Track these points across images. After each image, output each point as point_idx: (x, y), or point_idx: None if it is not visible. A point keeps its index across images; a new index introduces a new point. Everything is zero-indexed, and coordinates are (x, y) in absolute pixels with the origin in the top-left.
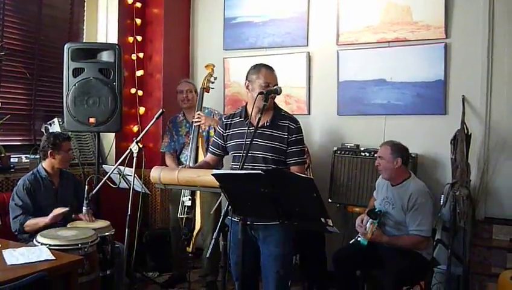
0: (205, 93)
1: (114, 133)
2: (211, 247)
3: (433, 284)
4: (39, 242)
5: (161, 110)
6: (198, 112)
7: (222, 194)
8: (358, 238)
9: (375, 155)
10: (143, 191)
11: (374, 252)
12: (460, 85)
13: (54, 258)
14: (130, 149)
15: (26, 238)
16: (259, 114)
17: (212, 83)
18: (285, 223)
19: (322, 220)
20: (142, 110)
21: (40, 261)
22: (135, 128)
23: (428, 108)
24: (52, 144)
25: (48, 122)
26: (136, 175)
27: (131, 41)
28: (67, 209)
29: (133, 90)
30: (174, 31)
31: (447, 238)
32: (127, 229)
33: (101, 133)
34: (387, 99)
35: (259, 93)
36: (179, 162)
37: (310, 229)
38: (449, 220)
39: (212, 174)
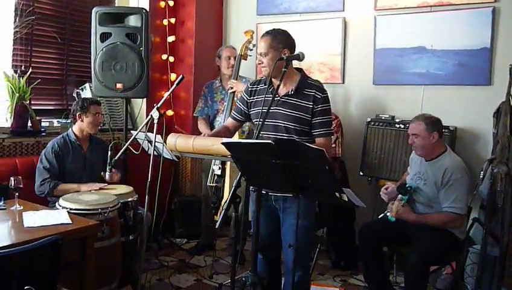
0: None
1: (143, 100)
2: (220, 219)
3: (467, 264)
4: (61, 206)
5: (181, 75)
6: (232, 80)
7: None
8: (388, 213)
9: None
10: (171, 158)
11: (403, 229)
12: (509, 54)
13: (70, 222)
14: (151, 115)
15: (55, 200)
16: (279, 81)
17: (251, 50)
18: (300, 196)
19: (337, 194)
20: (173, 76)
21: (56, 224)
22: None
23: (471, 78)
24: (80, 107)
25: (80, 87)
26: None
27: (162, 6)
28: (102, 186)
29: (164, 56)
30: None
31: (485, 217)
32: (146, 196)
33: (132, 99)
34: (426, 69)
35: (278, 59)
36: (212, 129)
37: (332, 203)
38: (487, 198)
39: (222, 143)
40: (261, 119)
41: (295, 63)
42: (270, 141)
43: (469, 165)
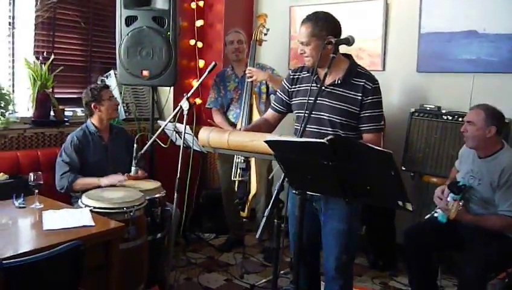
0: (266, 44)
1: (170, 88)
2: (261, 227)
3: None
4: (84, 203)
5: (214, 62)
6: (249, 68)
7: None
8: (435, 214)
9: (460, 119)
10: (199, 150)
11: (454, 232)
12: None
13: (93, 224)
14: (180, 106)
15: (78, 196)
16: (326, 68)
17: (265, 34)
18: (352, 202)
19: (399, 203)
20: (201, 63)
21: (78, 227)
22: (194, 83)
23: None
24: (92, 97)
25: (105, 75)
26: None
27: None
28: (124, 178)
29: (192, 42)
30: None
31: None
32: (175, 193)
33: (159, 87)
34: (477, 55)
35: (326, 43)
36: (227, 120)
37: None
38: None
39: (265, 141)
40: (307, 112)
41: (343, 48)
42: (323, 141)
43: None
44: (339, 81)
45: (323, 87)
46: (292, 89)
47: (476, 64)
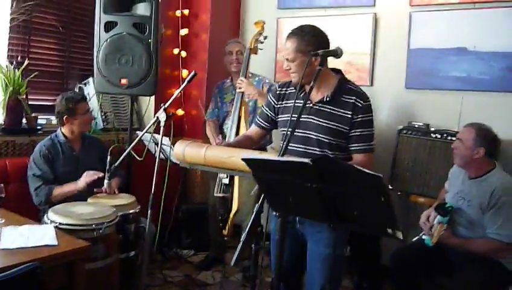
0: (252, 56)
1: (150, 98)
2: (236, 253)
3: None
4: (50, 219)
5: (193, 72)
6: (241, 78)
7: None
8: (423, 237)
9: (449, 138)
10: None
11: (443, 256)
12: None
13: (56, 243)
14: (157, 117)
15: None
16: (312, 83)
17: (261, 43)
18: (338, 227)
19: (389, 231)
20: (185, 72)
21: (38, 246)
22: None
23: None
24: (66, 109)
25: (83, 82)
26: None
27: None
28: (101, 174)
29: (176, 51)
30: None
31: None
32: (149, 210)
33: (140, 97)
34: (467, 72)
35: (312, 55)
36: (221, 132)
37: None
38: None
39: (242, 159)
40: (289, 129)
41: (332, 63)
42: (306, 161)
43: None
44: (328, 98)
45: (311, 105)
46: (278, 105)
47: (466, 82)
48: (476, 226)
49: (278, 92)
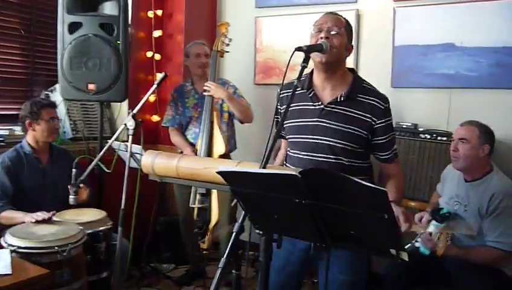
0: (230, 57)
1: (122, 104)
2: (214, 281)
3: None
4: (6, 242)
5: (163, 73)
6: (209, 82)
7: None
8: (416, 243)
9: (439, 138)
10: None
11: (439, 265)
12: None
13: (9, 272)
14: (125, 124)
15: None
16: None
17: (227, 45)
18: (331, 248)
19: (392, 252)
20: (159, 76)
21: None
22: (152, 98)
23: (510, 80)
24: (29, 113)
25: (49, 89)
26: (142, 153)
27: None
28: (51, 215)
29: (149, 54)
30: None
31: None
32: (119, 228)
33: (113, 103)
34: (455, 69)
35: (295, 49)
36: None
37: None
38: None
39: (218, 172)
40: (296, 135)
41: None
42: (293, 173)
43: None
44: (342, 98)
45: (322, 105)
46: (283, 110)
47: (454, 79)
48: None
49: (280, 95)
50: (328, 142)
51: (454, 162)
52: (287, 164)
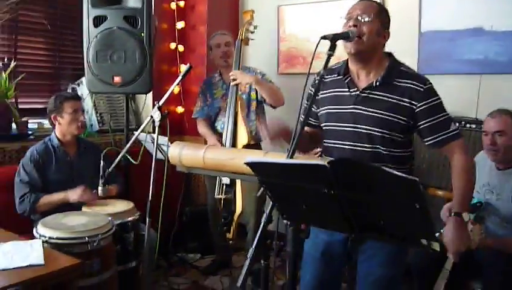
0: (253, 47)
1: (147, 95)
2: (243, 273)
3: None
4: (38, 233)
5: (188, 64)
6: (233, 71)
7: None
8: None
9: (468, 125)
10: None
11: (469, 255)
12: None
13: (42, 262)
14: (151, 116)
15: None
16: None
17: (252, 33)
18: (361, 239)
19: (423, 242)
20: (183, 68)
21: (22, 266)
22: (176, 90)
23: None
24: (54, 107)
25: (76, 82)
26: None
27: None
28: (95, 193)
29: (172, 45)
30: None
31: None
32: (147, 219)
33: (138, 95)
34: (484, 54)
35: (321, 38)
36: (214, 131)
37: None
38: None
39: (246, 163)
40: (330, 123)
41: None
42: (322, 163)
43: None
44: (377, 83)
45: (357, 91)
46: (320, 96)
47: (483, 65)
48: (508, 222)
49: (316, 80)
50: (364, 131)
51: (493, 156)
52: (324, 156)
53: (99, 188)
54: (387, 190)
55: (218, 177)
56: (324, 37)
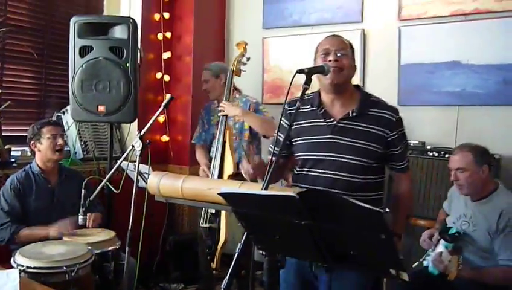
0: (241, 78)
1: (131, 124)
2: None
3: None
4: (16, 262)
5: (169, 96)
6: (223, 102)
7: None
8: (425, 262)
9: (446, 156)
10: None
11: (448, 285)
12: None
13: None
14: (132, 146)
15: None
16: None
17: (244, 64)
18: (333, 268)
19: (392, 271)
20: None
21: None
22: (161, 118)
23: None
24: (32, 134)
25: (61, 111)
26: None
27: (157, 19)
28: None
29: (158, 75)
30: (206, 7)
31: None
32: (127, 248)
33: (123, 124)
34: (462, 87)
35: (297, 72)
36: (209, 158)
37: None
38: None
39: (219, 194)
40: (308, 153)
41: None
42: (291, 194)
43: None
44: (354, 113)
45: (334, 122)
46: (294, 126)
47: (461, 97)
48: (487, 252)
49: (288, 111)
50: (341, 159)
51: (460, 191)
52: (298, 184)
53: (80, 216)
54: (355, 220)
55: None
56: (300, 71)
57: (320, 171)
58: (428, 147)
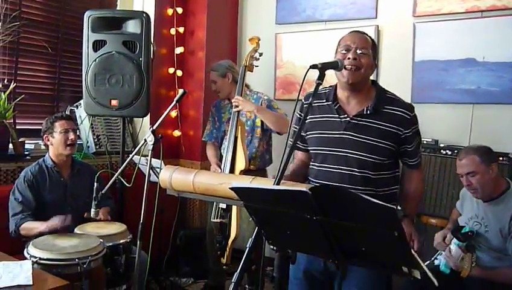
0: (253, 73)
1: (144, 119)
2: None
3: None
4: (29, 253)
5: (182, 90)
6: (236, 97)
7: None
8: (436, 261)
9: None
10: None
11: (459, 284)
12: None
13: (30, 283)
14: (145, 140)
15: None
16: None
17: (257, 59)
18: (344, 265)
19: (404, 269)
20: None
21: (11, 286)
22: (173, 113)
23: None
24: (45, 127)
25: (74, 104)
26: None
27: (170, 14)
28: (63, 220)
29: (171, 70)
30: (219, 2)
31: None
32: (138, 241)
33: (134, 118)
34: (477, 84)
35: (310, 67)
36: (220, 155)
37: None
38: None
39: (231, 188)
40: (320, 147)
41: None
42: (304, 190)
43: None
44: (369, 111)
45: (348, 118)
46: (307, 120)
47: (475, 95)
48: (499, 252)
49: (305, 104)
50: (354, 156)
51: (474, 194)
52: (310, 178)
53: (92, 209)
54: (367, 216)
55: (215, 201)
56: (313, 66)
57: (332, 166)
58: (442, 145)
